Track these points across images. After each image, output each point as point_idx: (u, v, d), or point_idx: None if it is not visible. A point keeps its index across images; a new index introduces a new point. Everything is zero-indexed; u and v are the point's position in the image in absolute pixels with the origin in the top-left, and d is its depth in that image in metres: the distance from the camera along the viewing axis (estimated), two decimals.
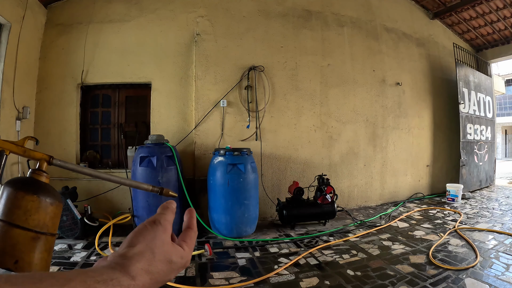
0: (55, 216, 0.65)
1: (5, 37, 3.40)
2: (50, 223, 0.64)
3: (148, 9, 4.17)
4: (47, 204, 0.64)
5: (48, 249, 0.64)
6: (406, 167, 5.40)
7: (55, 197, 0.66)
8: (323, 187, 3.81)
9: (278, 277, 2.38)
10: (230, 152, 3.40)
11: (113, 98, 4.30)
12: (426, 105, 5.72)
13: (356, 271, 2.46)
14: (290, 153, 4.38)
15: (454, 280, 2.23)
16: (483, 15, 5.78)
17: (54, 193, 0.67)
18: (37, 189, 0.64)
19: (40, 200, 0.63)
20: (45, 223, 0.64)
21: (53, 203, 0.65)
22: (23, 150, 0.68)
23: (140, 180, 3.26)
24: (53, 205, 0.65)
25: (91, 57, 4.07)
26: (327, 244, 3.11)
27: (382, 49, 5.15)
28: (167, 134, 3.83)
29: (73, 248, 2.97)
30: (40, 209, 0.63)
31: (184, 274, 2.43)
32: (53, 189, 0.67)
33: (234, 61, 4.17)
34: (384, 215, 4.28)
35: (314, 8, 4.67)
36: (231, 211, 3.33)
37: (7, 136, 3.37)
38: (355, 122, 4.85)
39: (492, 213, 4.27)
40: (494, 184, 6.85)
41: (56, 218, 0.65)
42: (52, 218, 0.65)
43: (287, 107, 4.39)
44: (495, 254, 2.72)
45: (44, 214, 0.64)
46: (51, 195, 0.65)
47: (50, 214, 0.65)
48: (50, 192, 0.66)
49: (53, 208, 0.65)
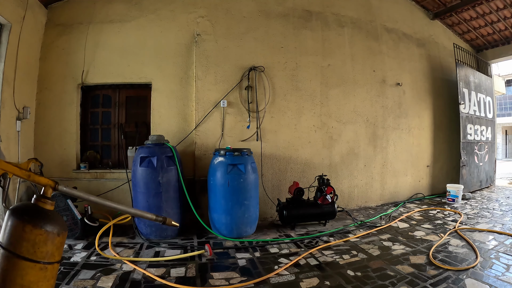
0: (61, 246, 0.66)
1: (5, 37, 3.40)
2: (56, 253, 0.65)
3: (149, 10, 4.18)
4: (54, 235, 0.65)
5: (54, 276, 0.66)
6: (407, 168, 5.40)
7: (61, 227, 0.66)
8: (323, 188, 3.81)
9: (278, 277, 2.38)
10: (231, 153, 3.40)
11: (114, 98, 4.31)
12: (426, 106, 5.72)
13: (356, 271, 2.46)
14: (291, 153, 4.38)
15: (455, 280, 2.23)
16: (484, 16, 5.78)
17: (60, 223, 0.66)
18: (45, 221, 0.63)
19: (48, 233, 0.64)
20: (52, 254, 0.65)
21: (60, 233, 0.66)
22: (27, 175, 0.68)
23: (140, 182, 3.30)
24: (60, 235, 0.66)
25: (91, 57, 4.08)
26: (327, 245, 3.11)
27: (383, 49, 5.15)
28: (167, 134, 3.83)
29: (73, 248, 2.97)
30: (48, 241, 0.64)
31: (185, 274, 2.43)
32: (58, 217, 0.67)
33: (235, 62, 4.17)
34: (384, 215, 4.28)
35: (314, 8, 4.67)
36: (231, 212, 3.33)
37: (8, 137, 3.37)
38: (356, 123, 4.85)
39: (493, 214, 4.27)
40: (494, 184, 6.85)
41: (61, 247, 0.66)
42: (58, 248, 0.66)
43: (287, 108, 4.39)
44: (496, 255, 2.72)
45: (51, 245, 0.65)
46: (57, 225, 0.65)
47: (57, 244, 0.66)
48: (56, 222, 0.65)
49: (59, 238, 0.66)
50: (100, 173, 4.06)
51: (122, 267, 2.54)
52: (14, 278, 0.59)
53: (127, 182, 3.68)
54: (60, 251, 0.66)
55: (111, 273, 2.43)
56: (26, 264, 0.61)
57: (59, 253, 0.66)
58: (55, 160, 3.95)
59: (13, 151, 3.46)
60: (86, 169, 4.03)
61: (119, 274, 2.41)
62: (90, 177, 4.04)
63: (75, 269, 2.47)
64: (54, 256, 0.65)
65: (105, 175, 4.06)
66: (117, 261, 2.67)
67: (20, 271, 0.60)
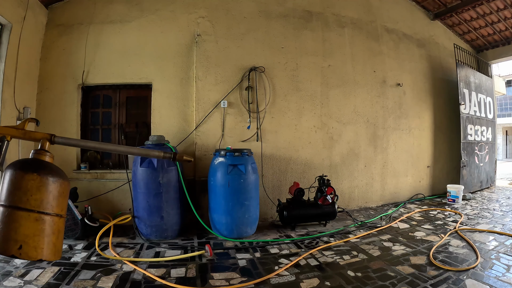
0: (60, 195, 0.57)
1: (6, 37, 3.41)
2: (54, 203, 0.57)
3: (149, 10, 4.18)
4: (49, 182, 0.57)
5: (56, 232, 0.56)
6: (407, 168, 5.40)
7: (58, 175, 0.58)
8: (323, 188, 3.81)
9: (278, 278, 2.38)
10: (231, 153, 3.40)
11: (114, 98, 4.31)
12: (426, 106, 5.72)
13: (356, 272, 2.46)
14: (291, 154, 4.38)
15: (455, 281, 2.23)
16: (484, 16, 5.78)
17: (57, 171, 0.59)
18: (37, 167, 0.56)
19: (41, 178, 0.56)
20: (48, 203, 0.56)
21: (56, 181, 0.57)
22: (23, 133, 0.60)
23: (140, 182, 3.29)
24: (55, 182, 0.58)
25: (91, 57, 4.08)
26: (327, 245, 3.11)
27: (383, 50, 5.16)
28: (167, 134, 3.83)
29: (74, 249, 2.97)
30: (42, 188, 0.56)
31: (185, 274, 2.43)
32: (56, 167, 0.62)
33: (235, 62, 4.18)
34: (384, 216, 4.27)
35: (314, 9, 4.68)
36: (231, 212, 3.33)
37: None
38: (356, 123, 4.85)
39: (493, 214, 4.27)
40: (494, 185, 6.84)
41: (61, 198, 0.57)
42: (57, 197, 0.57)
43: (287, 108, 4.39)
44: (496, 255, 2.71)
45: (46, 192, 0.56)
46: (53, 172, 0.57)
47: (54, 192, 0.58)
48: (53, 170, 0.58)
49: (56, 186, 0.58)
50: (100, 174, 4.06)
51: (123, 268, 2.54)
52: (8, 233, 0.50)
53: (127, 182, 3.68)
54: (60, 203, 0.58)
55: (111, 273, 2.43)
56: (19, 214, 0.54)
57: (59, 206, 0.57)
58: (55, 160, 3.89)
59: (13, 151, 3.46)
60: (86, 169, 4.04)
61: (119, 274, 2.41)
62: (91, 177, 4.04)
63: (75, 270, 2.47)
64: (52, 206, 0.57)
65: (106, 175, 4.06)
66: (118, 261, 2.67)
67: (14, 224, 0.52)
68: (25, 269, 2.44)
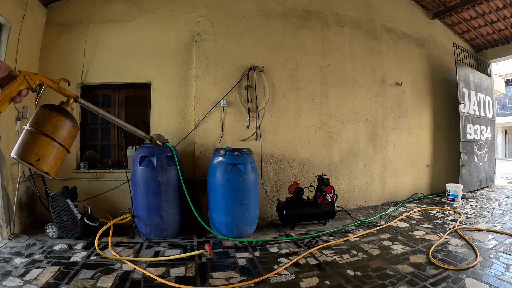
0: (71, 137, 0.86)
1: (5, 37, 3.40)
2: (68, 140, 0.85)
3: (148, 9, 4.17)
4: (70, 125, 0.85)
5: (60, 159, 0.84)
6: (406, 167, 5.40)
7: (75, 123, 0.88)
8: (323, 187, 3.81)
9: (278, 277, 2.38)
10: (230, 152, 3.40)
11: (113, 98, 4.30)
12: (426, 105, 5.72)
13: (356, 271, 2.46)
14: (290, 153, 4.38)
15: (454, 280, 2.23)
16: (483, 15, 5.78)
17: (75, 120, 0.88)
18: (66, 113, 0.85)
19: (66, 121, 0.84)
20: (65, 140, 0.84)
21: (74, 126, 0.87)
22: (58, 87, 0.88)
23: (140, 181, 3.30)
24: (73, 127, 0.86)
25: (91, 57, 4.07)
26: (327, 244, 3.11)
27: (382, 49, 5.15)
28: (167, 134, 3.83)
29: (73, 248, 2.97)
30: (65, 128, 0.83)
31: (184, 274, 2.43)
32: (74, 118, 0.88)
33: (234, 61, 4.17)
34: (384, 215, 4.28)
35: (314, 8, 4.67)
36: (231, 211, 3.33)
37: (7, 136, 3.37)
38: (355, 122, 4.85)
39: (492, 213, 4.27)
40: (494, 184, 6.85)
41: (71, 138, 0.86)
42: (70, 137, 0.86)
43: (287, 107, 4.39)
44: (495, 254, 2.72)
45: (66, 132, 0.84)
46: (73, 120, 0.87)
47: (70, 133, 0.85)
48: (73, 119, 0.87)
49: (72, 130, 0.86)
50: (100, 173, 4.06)
51: (122, 267, 2.54)
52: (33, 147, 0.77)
53: (127, 181, 3.68)
54: (71, 142, 0.86)
55: (111, 273, 2.43)
56: (45, 139, 0.79)
57: (70, 143, 0.86)
58: None
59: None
60: (86, 169, 4.03)
61: (119, 274, 2.41)
62: (90, 176, 4.03)
63: (75, 269, 2.47)
64: (66, 142, 0.84)
65: (105, 174, 4.06)
66: (117, 261, 2.67)
67: (39, 143, 0.78)
68: (25, 269, 2.45)
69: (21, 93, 0.78)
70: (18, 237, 3.23)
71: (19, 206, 3.45)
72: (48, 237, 3.24)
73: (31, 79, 0.80)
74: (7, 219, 3.25)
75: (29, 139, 0.78)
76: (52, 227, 3.24)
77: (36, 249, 2.94)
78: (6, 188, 3.28)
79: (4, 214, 3.21)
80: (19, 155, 0.77)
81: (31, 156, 0.77)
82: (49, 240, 3.20)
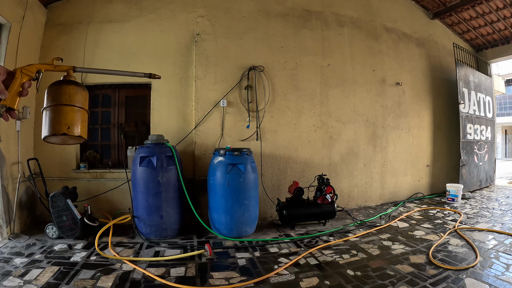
0: (85, 99, 0.93)
1: (5, 37, 3.40)
2: (85, 103, 0.93)
3: (148, 9, 4.17)
4: (81, 90, 0.92)
5: (85, 120, 0.92)
6: (406, 167, 5.40)
7: (84, 88, 0.95)
8: (323, 187, 3.81)
9: (278, 277, 2.38)
10: (230, 152, 3.40)
11: (113, 98, 4.30)
12: (426, 105, 5.72)
13: (356, 271, 2.46)
14: (290, 153, 4.38)
15: (454, 280, 2.23)
16: (483, 15, 5.78)
17: (82, 86, 0.95)
18: (72, 82, 0.92)
19: (77, 88, 0.91)
20: (82, 102, 0.91)
21: (84, 90, 0.94)
22: (54, 66, 0.94)
23: (140, 181, 3.30)
24: (84, 91, 0.94)
25: (91, 57, 4.07)
26: (327, 244, 3.11)
27: (382, 49, 5.15)
28: (167, 134, 3.83)
29: (73, 248, 2.97)
30: (78, 93, 0.91)
31: (184, 274, 2.43)
32: (81, 84, 0.95)
33: (234, 61, 4.17)
34: (384, 215, 4.28)
35: (314, 8, 4.67)
36: (231, 211, 3.33)
37: (8, 136, 3.37)
38: (355, 122, 4.85)
39: (492, 213, 4.27)
40: (494, 184, 6.85)
41: (86, 101, 0.94)
42: (85, 100, 0.93)
43: (287, 107, 4.39)
44: (495, 254, 2.72)
45: (80, 96, 0.91)
46: (81, 86, 0.94)
47: (84, 96, 0.93)
48: (80, 84, 0.94)
49: (84, 93, 0.94)
50: (100, 173, 4.06)
51: (122, 267, 2.54)
52: (60, 120, 0.85)
53: (127, 181, 3.68)
54: (86, 104, 0.93)
55: (111, 273, 2.43)
56: (67, 108, 0.86)
57: (86, 105, 0.93)
58: (55, 160, 3.94)
59: (13, 151, 3.46)
60: (86, 169, 4.03)
61: (119, 274, 2.42)
62: (90, 177, 4.03)
63: (75, 269, 2.47)
64: (84, 104, 0.92)
65: (105, 174, 4.06)
66: (117, 261, 2.67)
67: (64, 114, 0.85)
68: (25, 269, 2.45)
69: (24, 85, 0.83)
70: (18, 237, 3.23)
71: (19, 206, 3.45)
72: (48, 237, 3.24)
73: (28, 71, 0.86)
74: (7, 219, 3.25)
75: (54, 115, 0.86)
76: (52, 227, 3.24)
77: (36, 249, 2.94)
78: (6, 188, 3.29)
79: (4, 214, 3.21)
80: (51, 131, 0.84)
81: (62, 127, 0.85)
82: (49, 240, 3.20)
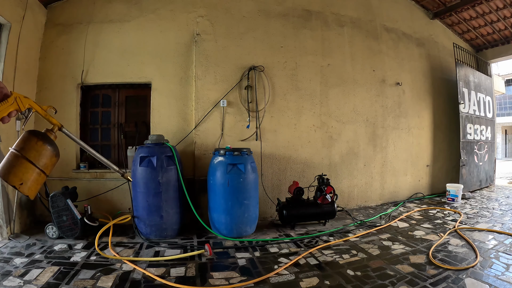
0: (52, 164, 0.93)
1: (5, 37, 3.40)
2: (49, 168, 0.91)
3: (148, 9, 4.17)
4: (52, 154, 0.91)
5: (40, 183, 0.90)
6: (406, 167, 5.40)
7: (57, 153, 0.94)
8: (323, 187, 3.81)
9: (278, 277, 2.38)
10: (230, 152, 3.40)
11: (113, 98, 4.30)
12: (426, 105, 5.72)
13: (356, 271, 2.46)
14: (290, 153, 4.38)
15: (454, 280, 2.23)
16: (483, 15, 5.78)
17: (57, 150, 0.95)
18: (50, 143, 0.91)
19: (49, 150, 0.90)
20: (46, 166, 0.90)
21: (56, 155, 0.93)
22: (45, 114, 0.94)
23: (140, 181, 3.30)
24: (55, 156, 0.93)
25: (91, 57, 4.07)
26: (327, 244, 3.11)
27: (382, 49, 5.15)
28: (167, 134, 3.83)
29: (73, 248, 2.97)
30: (48, 156, 0.89)
31: (184, 274, 2.43)
32: (56, 146, 0.95)
33: (234, 61, 4.17)
34: (384, 215, 4.28)
35: (314, 8, 4.67)
36: (231, 211, 3.33)
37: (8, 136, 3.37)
38: (355, 122, 4.85)
39: (492, 213, 4.27)
40: (494, 184, 6.85)
41: (52, 166, 0.93)
42: (51, 164, 0.92)
43: (287, 107, 4.39)
44: (495, 254, 2.72)
45: (48, 160, 0.90)
46: (55, 150, 0.93)
47: (52, 161, 0.92)
48: (55, 147, 0.93)
49: (54, 159, 0.93)
50: (100, 173, 4.06)
51: (122, 267, 2.54)
52: (18, 172, 0.83)
53: (126, 182, 3.68)
54: (51, 169, 0.93)
55: (111, 273, 2.43)
56: (29, 165, 0.85)
57: (50, 170, 0.93)
58: None
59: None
60: (86, 169, 4.03)
61: (119, 274, 2.42)
62: (90, 177, 4.03)
63: (75, 269, 2.47)
64: (47, 168, 0.90)
65: (105, 174, 4.05)
66: (117, 261, 2.67)
67: (24, 169, 0.84)
68: (25, 269, 2.45)
69: (11, 114, 0.82)
70: (18, 237, 3.23)
71: (19, 206, 3.45)
72: (48, 237, 3.24)
73: (21, 103, 0.86)
74: (7, 219, 3.25)
75: (15, 163, 0.84)
76: (52, 227, 3.24)
77: (36, 249, 2.94)
78: (6, 188, 3.28)
79: (4, 214, 3.21)
80: (4, 177, 0.83)
81: (16, 179, 0.83)
82: (49, 240, 3.20)
